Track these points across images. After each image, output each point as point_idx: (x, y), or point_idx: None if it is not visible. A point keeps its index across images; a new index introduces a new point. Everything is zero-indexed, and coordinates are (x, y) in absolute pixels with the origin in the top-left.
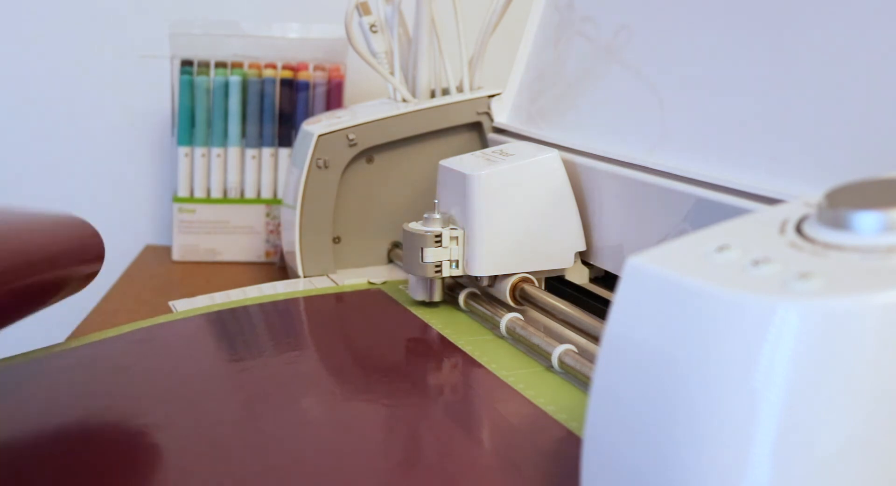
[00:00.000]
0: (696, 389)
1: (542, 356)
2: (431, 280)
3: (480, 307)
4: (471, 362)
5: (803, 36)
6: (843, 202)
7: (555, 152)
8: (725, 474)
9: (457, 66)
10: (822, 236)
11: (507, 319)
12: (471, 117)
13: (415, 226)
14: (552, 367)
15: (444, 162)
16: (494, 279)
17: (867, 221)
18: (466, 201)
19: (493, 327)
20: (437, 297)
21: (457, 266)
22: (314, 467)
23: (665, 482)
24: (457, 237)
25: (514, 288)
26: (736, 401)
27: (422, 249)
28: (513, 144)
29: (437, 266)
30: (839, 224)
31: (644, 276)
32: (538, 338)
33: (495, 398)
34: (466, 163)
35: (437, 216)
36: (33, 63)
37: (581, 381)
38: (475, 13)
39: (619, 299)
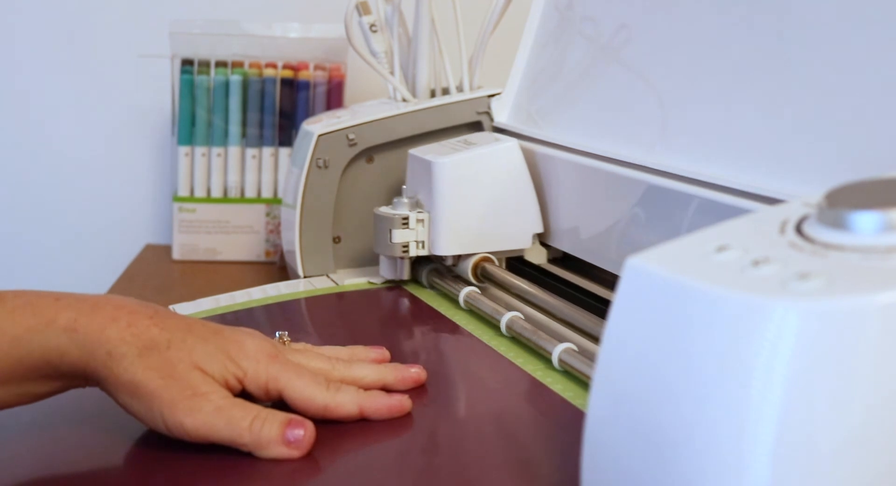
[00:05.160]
0: (695, 388)
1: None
2: (400, 259)
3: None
4: (498, 358)
5: (803, 36)
6: (842, 202)
7: (514, 141)
8: (725, 473)
9: (457, 66)
10: (822, 236)
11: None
12: (471, 117)
13: (384, 209)
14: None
15: (413, 151)
16: (458, 259)
17: (867, 222)
18: (431, 186)
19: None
20: (406, 275)
21: (423, 246)
22: (328, 463)
23: (665, 482)
24: (423, 220)
25: (475, 266)
26: (735, 401)
27: (390, 230)
28: (476, 135)
29: (404, 246)
30: (839, 224)
31: (644, 276)
32: (539, 338)
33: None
34: (432, 151)
35: (405, 200)
36: (33, 63)
37: (581, 381)
38: (475, 13)
39: (619, 299)
